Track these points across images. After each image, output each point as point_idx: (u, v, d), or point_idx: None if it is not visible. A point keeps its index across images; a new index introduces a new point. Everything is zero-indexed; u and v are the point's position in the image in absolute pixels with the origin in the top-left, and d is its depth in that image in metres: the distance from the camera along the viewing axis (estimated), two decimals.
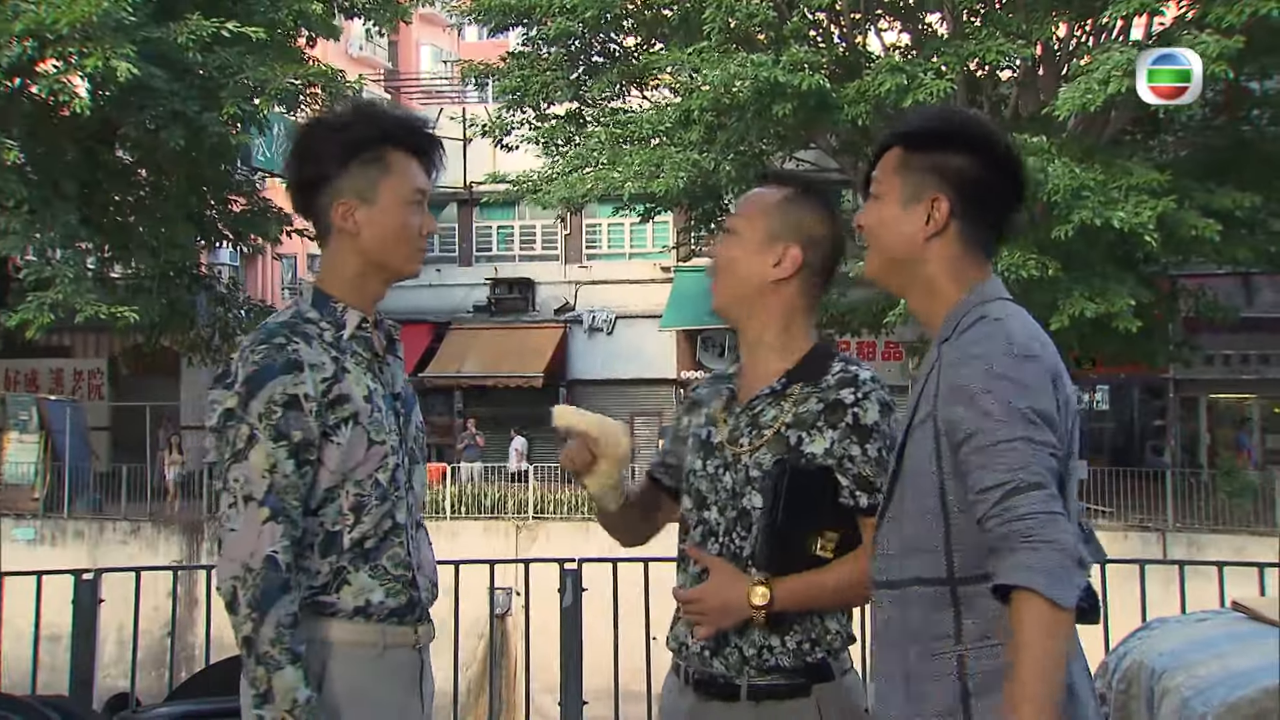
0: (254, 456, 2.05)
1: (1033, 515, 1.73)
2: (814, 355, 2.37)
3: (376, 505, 2.15)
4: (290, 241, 22.70)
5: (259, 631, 1.98)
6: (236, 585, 2.01)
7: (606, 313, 25.37)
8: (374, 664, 2.13)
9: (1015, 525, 1.74)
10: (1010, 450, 1.77)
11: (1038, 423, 1.79)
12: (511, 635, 17.79)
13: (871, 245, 2.06)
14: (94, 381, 26.86)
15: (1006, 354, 1.83)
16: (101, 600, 4.90)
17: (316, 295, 2.22)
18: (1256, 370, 22.67)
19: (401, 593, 2.17)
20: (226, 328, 20.76)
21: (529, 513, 21.24)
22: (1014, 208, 2.04)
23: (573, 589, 4.93)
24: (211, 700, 3.44)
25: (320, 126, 2.31)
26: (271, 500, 2.03)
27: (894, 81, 15.55)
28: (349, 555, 2.13)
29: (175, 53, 17.38)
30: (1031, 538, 1.72)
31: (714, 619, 2.27)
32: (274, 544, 2.01)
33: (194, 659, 12.44)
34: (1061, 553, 1.72)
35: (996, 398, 1.80)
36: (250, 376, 2.08)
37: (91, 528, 21.64)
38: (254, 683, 1.99)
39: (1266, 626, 3.10)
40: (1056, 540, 1.72)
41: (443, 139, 2.40)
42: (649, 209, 20.03)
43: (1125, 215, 14.45)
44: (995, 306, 1.93)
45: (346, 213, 2.19)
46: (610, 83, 20.30)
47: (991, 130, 2.06)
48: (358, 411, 2.14)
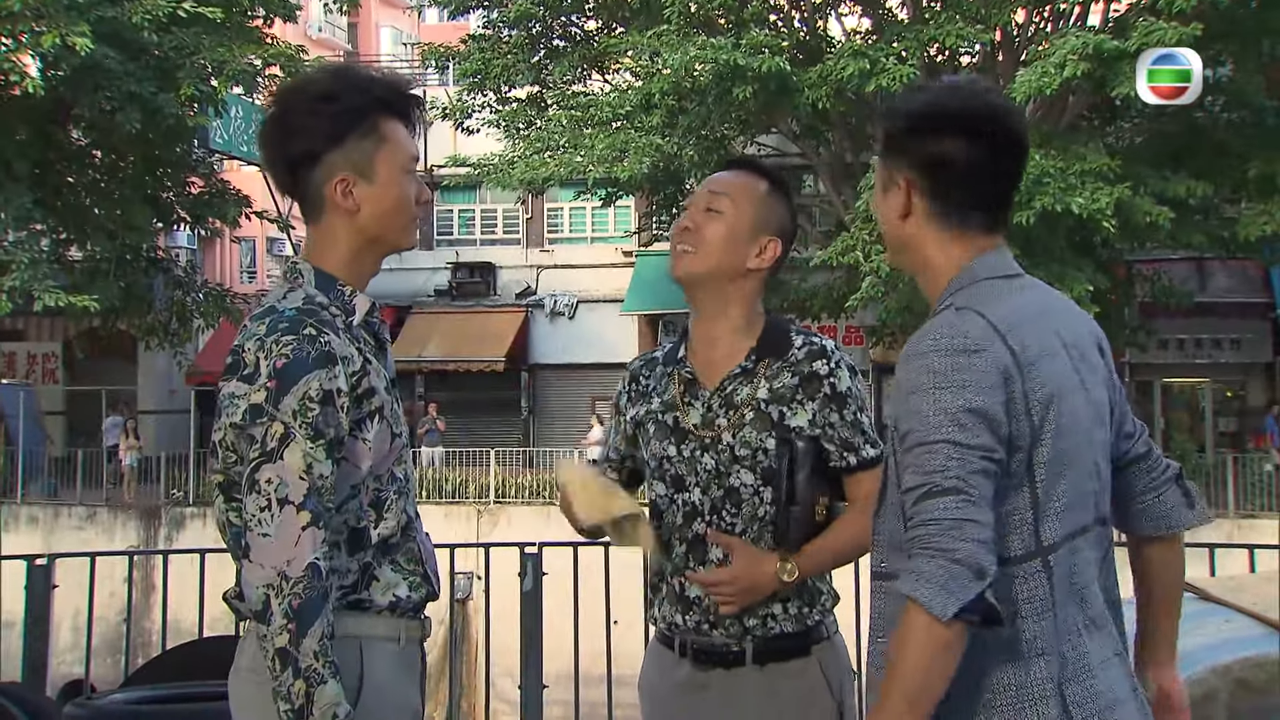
0: (289, 456, 1.91)
1: (935, 522, 1.69)
2: (772, 329, 2.44)
3: (395, 499, 2.09)
4: (249, 224, 22.49)
5: (300, 644, 1.86)
6: (270, 593, 1.88)
7: (568, 297, 25.32)
8: (397, 659, 2.09)
9: (918, 530, 1.71)
10: (933, 452, 1.72)
11: (968, 425, 1.72)
12: (472, 619, 17.78)
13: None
14: (48, 365, 26.54)
15: (948, 350, 1.77)
16: (55, 586, 4.86)
17: (320, 277, 2.08)
18: (1209, 355, 22.98)
19: (421, 586, 2.12)
20: (184, 311, 20.52)
21: (490, 497, 21.22)
22: (1004, 180, 1.94)
23: (533, 573, 4.93)
24: (167, 686, 3.42)
25: (304, 97, 2.10)
26: (311, 504, 1.91)
27: (856, 66, 15.59)
28: (374, 551, 2.06)
29: (130, 32, 17.10)
30: (929, 545, 1.69)
31: (743, 598, 2.32)
32: (315, 550, 1.90)
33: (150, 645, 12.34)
34: (955, 564, 1.66)
35: (929, 397, 1.75)
36: (281, 370, 1.93)
37: (46, 513, 21.42)
38: (289, 696, 1.86)
39: (1215, 606, 3.15)
40: (953, 550, 1.67)
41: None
42: (611, 193, 19.99)
43: (1084, 201, 14.59)
44: (968, 294, 1.86)
45: (345, 189, 2.06)
46: (571, 66, 20.22)
47: (968, 104, 1.94)
48: (383, 405, 2.05)
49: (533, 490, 21.24)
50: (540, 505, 20.78)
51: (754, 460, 2.34)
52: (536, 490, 21.21)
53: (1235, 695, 2.76)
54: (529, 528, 19.32)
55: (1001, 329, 1.79)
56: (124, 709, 3.63)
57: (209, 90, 18.15)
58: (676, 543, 2.40)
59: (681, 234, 2.44)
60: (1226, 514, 18.92)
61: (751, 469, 2.35)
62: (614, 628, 5.08)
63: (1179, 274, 21.04)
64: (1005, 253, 1.94)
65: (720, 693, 2.36)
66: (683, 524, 2.39)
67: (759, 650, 2.34)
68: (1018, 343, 1.79)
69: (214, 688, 3.80)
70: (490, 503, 21.13)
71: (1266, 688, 2.78)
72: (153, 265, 20.38)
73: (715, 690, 2.37)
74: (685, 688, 2.39)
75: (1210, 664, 2.80)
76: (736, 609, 2.32)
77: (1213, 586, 3.33)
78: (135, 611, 6.29)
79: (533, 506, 20.80)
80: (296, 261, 2.14)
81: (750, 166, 2.53)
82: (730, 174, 2.52)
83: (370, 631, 2.05)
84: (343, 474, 1.99)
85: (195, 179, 20.77)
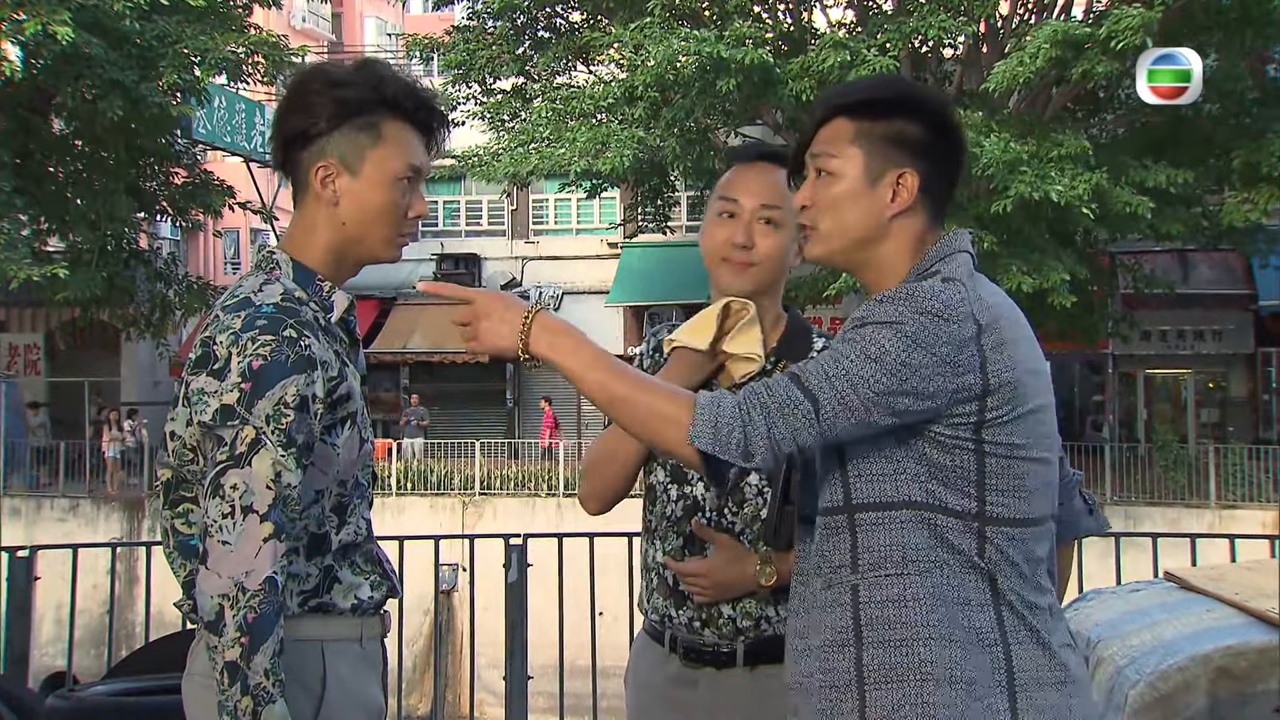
0: (258, 464, 1.85)
1: (772, 393, 1.73)
2: (794, 330, 2.44)
3: (358, 504, 2.05)
4: (233, 217, 22.39)
5: (250, 660, 1.80)
6: (225, 604, 1.81)
7: (553, 288, 25.29)
8: (357, 659, 2.06)
9: (756, 385, 1.76)
10: (839, 362, 1.72)
11: (894, 373, 1.70)
12: (457, 611, 17.79)
13: (822, 224, 1.90)
14: (30, 356, 26.41)
15: (918, 308, 1.73)
16: (37, 578, 4.84)
17: (298, 270, 2.02)
18: (1191, 346, 23.09)
19: (381, 584, 2.09)
20: (166, 303, 20.43)
21: (475, 489, 21.20)
22: (959, 174, 1.95)
23: (518, 564, 4.93)
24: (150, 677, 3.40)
25: (318, 77, 2.05)
26: (275, 515, 1.85)
27: (838, 58, 15.60)
28: (333, 555, 2.02)
29: (112, 21, 17.00)
30: (750, 399, 1.73)
31: (716, 593, 2.31)
32: (275, 564, 1.84)
33: (134, 637, 12.32)
34: (742, 427, 1.71)
35: (874, 337, 1.72)
36: (256, 371, 1.86)
37: (28, 505, 21.32)
38: (235, 712, 1.80)
39: (1196, 596, 3.17)
40: (752, 422, 1.71)
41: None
42: (595, 185, 19.97)
43: (1063, 188, 14.64)
44: (954, 263, 1.85)
45: (326, 177, 2.00)
46: (555, 58, 20.18)
47: (935, 95, 1.99)
48: (356, 411, 2.00)
49: (518, 482, 21.23)
50: (525, 497, 20.78)
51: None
52: (521, 482, 21.19)
53: (1216, 683, 2.78)
54: (514, 519, 19.33)
55: (986, 303, 1.78)
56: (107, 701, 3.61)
57: (191, 79, 18.05)
58: (673, 535, 2.39)
59: (739, 250, 2.36)
60: (1208, 504, 19.04)
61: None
62: (599, 619, 5.09)
63: (1161, 265, 21.14)
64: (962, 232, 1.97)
65: (709, 691, 2.35)
66: (682, 517, 2.38)
67: (750, 651, 2.33)
68: (1005, 317, 1.78)
69: None
70: (475, 494, 21.11)
71: (1247, 676, 2.80)
72: (135, 256, 20.27)
73: (704, 689, 2.35)
74: (674, 683, 2.38)
75: (1192, 653, 2.81)
76: (709, 601, 2.31)
77: (1194, 576, 3.35)
78: (118, 603, 6.27)
79: (518, 498, 20.80)
80: (273, 251, 2.06)
81: (776, 160, 2.41)
82: (768, 174, 2.40)
83: (333, 634, 2.01)
84: (308, 479, 1.93)
85: (179, 169, 20.67)
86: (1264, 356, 23.37)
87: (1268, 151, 15.71)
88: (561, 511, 19.64)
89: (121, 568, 6.33)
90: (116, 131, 18.12)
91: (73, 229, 19.07)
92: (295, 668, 1.90)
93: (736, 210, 2.37)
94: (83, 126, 18.92)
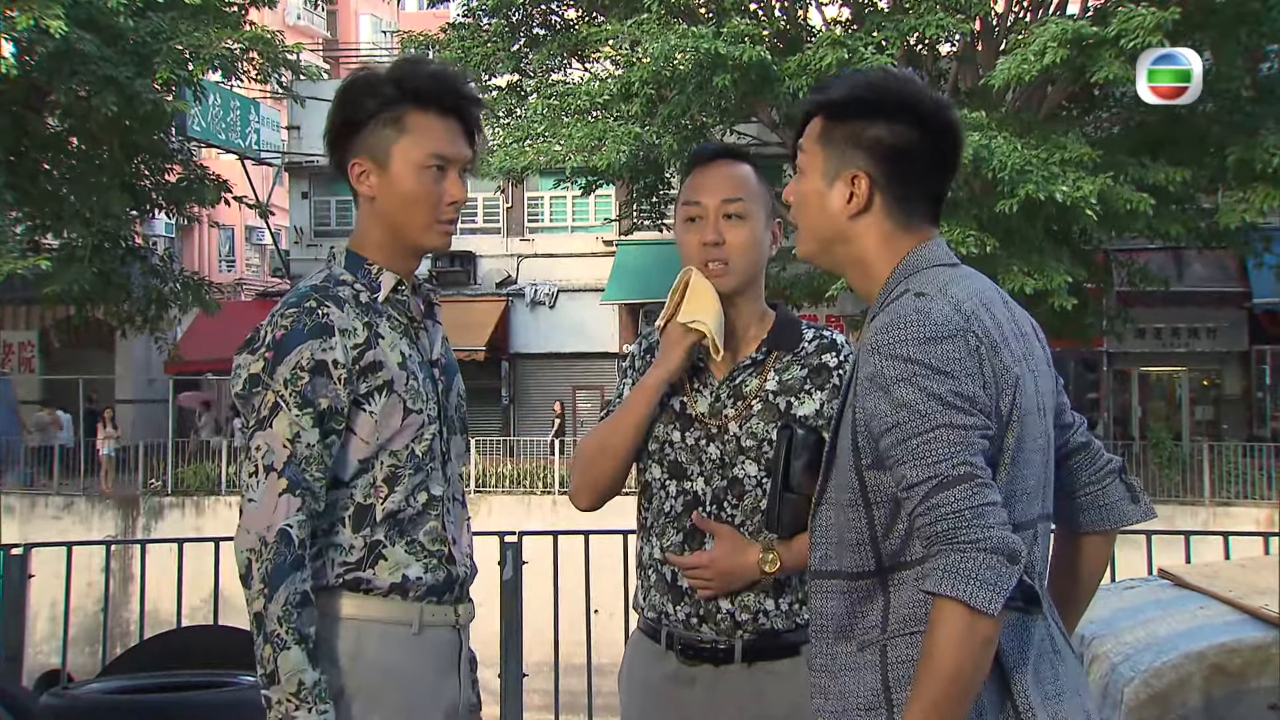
0: (277, 425, 1.97)
1: (957, 514, 1.62)
2: (783, 322, 2.44)
3: (410, 476, 2.08)
4: (228, 213, 22.35)
5: (267, 609, 1.90)
6: (251, 558, 1.93)
7: (548, 286, 25.27)
8: (409, 643, 2.06)
9: (940, 526, 1.63)
10: (933, 441, 1.65)
11: (961, 408, 1.66)
12: None
13: (798, 222, 1.91)
14: (24, 354, 26.36)
15: (919, 337, 1.70)
16: (32, 575, 4.83)
17: (349, 257, 2.14)
18: (1186, 344, 23.12)
19: (439, 568, 2.09)
20: (161, 299, 20.39)
21: (470, 486, 21.21)
22: (949, 171, 1.90)
23: (513, 562, 4.93)
24: (145, 675, 3.41)
25: (357, 80, 2.15)
26: (290, 471, 1.95)
27: (835, 55, 15.59)
28: (383, 529, 2.05)
29: (106, 17, 16.97)
30: (957, 540, 1.61)
31: (720, 584, 2.31)
32: (289, 517, 1.94)
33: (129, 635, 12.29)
34: (987, 553, 1.60)
35: (913, 385, 1.67)
36: (277, 341, 1.99)
37: (23, 503, 21.28)
38: (262, 662, 1.91)
39: (1191, 593, 3.18)
40: (983, 539, 1.61)
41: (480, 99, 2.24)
42: (590, 182, 19.94)
43: (1068, 189, 14.64)
44: (922, 279, 1.80)
45: (362, 174, 2.11)
46: (551, 54, 20.16)
47: (917, 92, 1.87)
48: (392, 379, 2.06)
49: (513, 479, 21.23)
50: (521, 494, 20.77)
51: (759, 451, 2.33)
52: (517, 479, 21.19)
53: (1211, 681, 2.79)
54: (509, 517, 19.31)
55: (965, 312, 1.75)
56: (101, 699, 3.61)
57: (185, 75, 18.02)
58: (672, 531, 2.38)
59: (710, 249, 2.38)
60: (1202, 501, 19.08)
61: (756, 460, 2.33)
62: (595, 617, 5.09)
63: (1156, 263, 21.16)
64: (943, 243, 1.90)
65: (706, 689, 2.34)
66: (682, 512, 2.37)
67: (748, 648, 2.32)
68: (981, 326, 1.74)
69: (191, 677, 3.79)
70: (471, 492, 21.11)
71: (1242, 673, 2.80)
72: (130, 253, 20.23)
73: (701, 686, 2.34)
74: (671, 681, 2.37)
75: (1186, 650, 2.82)
76: (713, 594, 2.31)
77: (1188, 573, 3.36)
78: (113, 601, 6.25)
79: (513, 495, 20.79)
80: (334, 247, 2.23)
81: (732, 155, 2.47)
82: (726, 169, 2.43)
83: (370, 613, 2.03)
84: (350, 447, 2.03)
85: (173, 165, 20.64)
86: (1258, 354, 23.40)
87: (1262, 149, 15.71)
88: (557, 509, 19.64)
89: (116, 566, 6.31)
90: (111, 128, 18.10)
91: (67, 225, 19.03)
92: (326, 640, 1.99)
93: (701, 212, 2.40)
94: (77, 123, 18.90)
